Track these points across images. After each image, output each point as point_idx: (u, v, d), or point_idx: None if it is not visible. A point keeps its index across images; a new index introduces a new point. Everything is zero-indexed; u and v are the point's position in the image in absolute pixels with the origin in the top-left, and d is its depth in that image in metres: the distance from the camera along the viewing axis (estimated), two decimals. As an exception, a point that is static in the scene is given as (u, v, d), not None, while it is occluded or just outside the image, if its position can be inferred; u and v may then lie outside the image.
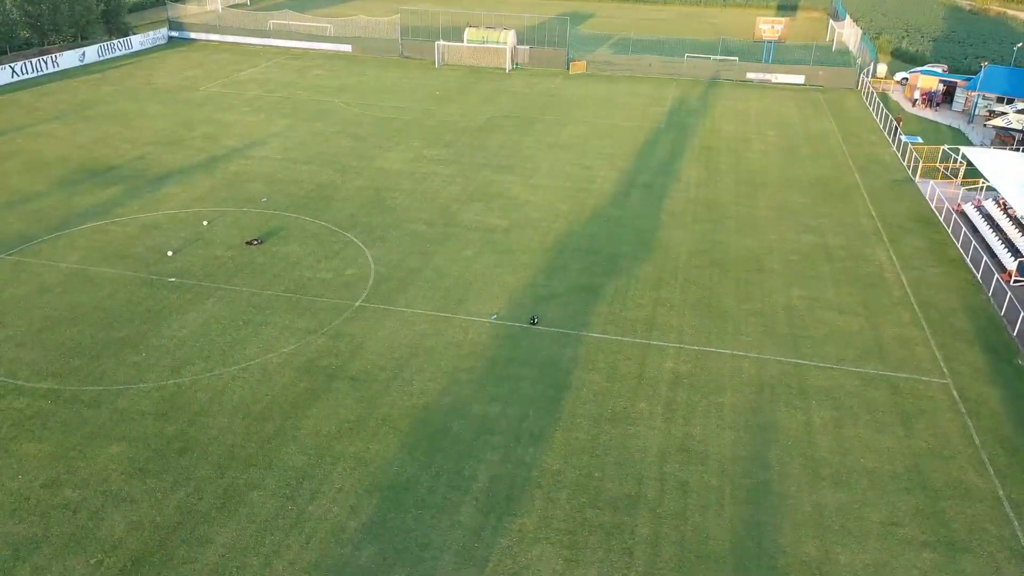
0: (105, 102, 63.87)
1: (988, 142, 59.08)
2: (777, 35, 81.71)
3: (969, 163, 48.13)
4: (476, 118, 62.44)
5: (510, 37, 79.82)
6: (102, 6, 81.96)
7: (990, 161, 44.06)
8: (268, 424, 26.46)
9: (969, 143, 59.23)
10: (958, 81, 69.33)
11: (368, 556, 21.52)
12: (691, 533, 22.59)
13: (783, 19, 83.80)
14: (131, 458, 24.76)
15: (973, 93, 66.09)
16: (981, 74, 66.08)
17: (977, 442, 26.71)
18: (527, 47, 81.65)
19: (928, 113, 67.98)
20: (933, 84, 69.50)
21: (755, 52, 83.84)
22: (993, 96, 64.74)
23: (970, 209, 44.92)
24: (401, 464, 24.82)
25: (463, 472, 24.58)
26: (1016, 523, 23.33)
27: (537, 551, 21.77)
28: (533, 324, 32.76)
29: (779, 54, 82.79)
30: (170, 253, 37.98)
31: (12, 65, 69.22)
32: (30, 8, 75.88)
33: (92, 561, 21.04)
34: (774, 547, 22.25)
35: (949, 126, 64.30)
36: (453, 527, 22.52)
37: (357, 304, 34.04)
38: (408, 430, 26.34)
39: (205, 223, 41.54)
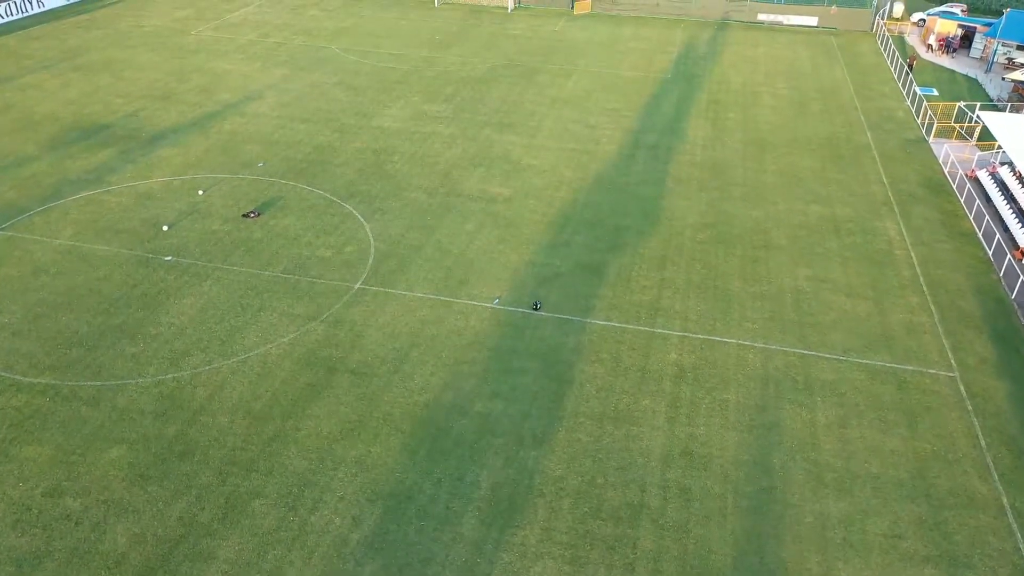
0: (95, 48, 61.82)
1: (1005, 95, 57.33)
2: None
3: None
4: (477, 67, 60.50)
5: (513, -26, 76.84)
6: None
7: (1008, 127, 42.69)
8: (269, 424, 26.27)
9: (986, 96, 57.51)
10: (978, 26, 66.89)
11: (371, 572, 21.57)
12: (693, 546, 22.62)
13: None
14: (131, 463, 24.66)
15: (993, 41, 63.80)
16: (1002, 20, 63.60)
17: (983, 444, 26.54)
18: (530, -16, 78.72)
19: (944, 60, 65.80)
20: (951, 29, 67.12)
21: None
22: (1014, 44, 62.54)
23: (984, 176, 43.78)
24: (403, 470, 24.72)
25: (465, 479, 24.49)
26: (1019, 535, 23.32)
27: (539, 567, 21.82)
28: (536, 309, 32.26)
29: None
30: (165, 228, 37.19)
31: (-4, 7, 66.91)
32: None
33: (96, 578, 21.16)
34: (776, 561, 22.30)
35: (966, 76, 62.31)
36: (455, 540, 22.54)
37: (357, 286, 33.47)
38: (410, 431, 26.17)
39: (200, 192, 40.58)
